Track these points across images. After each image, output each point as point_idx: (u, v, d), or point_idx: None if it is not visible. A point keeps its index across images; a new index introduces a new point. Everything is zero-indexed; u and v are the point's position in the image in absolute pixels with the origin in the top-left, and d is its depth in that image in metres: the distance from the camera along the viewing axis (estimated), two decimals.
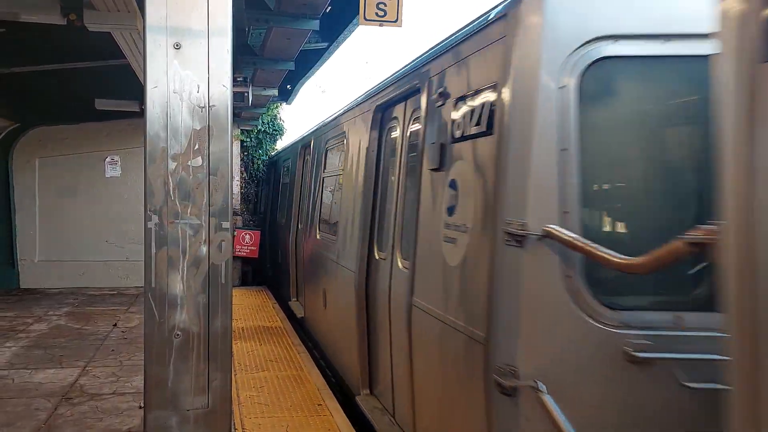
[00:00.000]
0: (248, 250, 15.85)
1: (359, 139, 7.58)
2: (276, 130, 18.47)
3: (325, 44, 10.96)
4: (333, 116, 9.81)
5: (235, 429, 6.22)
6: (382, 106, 6.94)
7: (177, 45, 3.87)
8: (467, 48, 4.54)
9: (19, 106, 14.28)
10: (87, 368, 8.49)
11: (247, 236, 15.85)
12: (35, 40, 9.32)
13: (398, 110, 6.49)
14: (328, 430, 6.32)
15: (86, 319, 11.65)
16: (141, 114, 12.53)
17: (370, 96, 7.49)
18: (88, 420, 6.67)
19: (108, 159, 15.44)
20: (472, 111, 4.26)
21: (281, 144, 18.44)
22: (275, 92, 12.88)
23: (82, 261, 15.39)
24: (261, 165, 18.36)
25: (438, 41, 5.45)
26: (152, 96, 3.86)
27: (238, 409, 6.78)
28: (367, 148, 7.17)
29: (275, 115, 18.38)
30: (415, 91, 5.71)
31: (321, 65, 12.71)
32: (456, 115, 4.56)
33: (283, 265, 13.36)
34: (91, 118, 14.64)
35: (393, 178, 6.40)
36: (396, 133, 6.52)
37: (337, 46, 10.97)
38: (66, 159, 15.39)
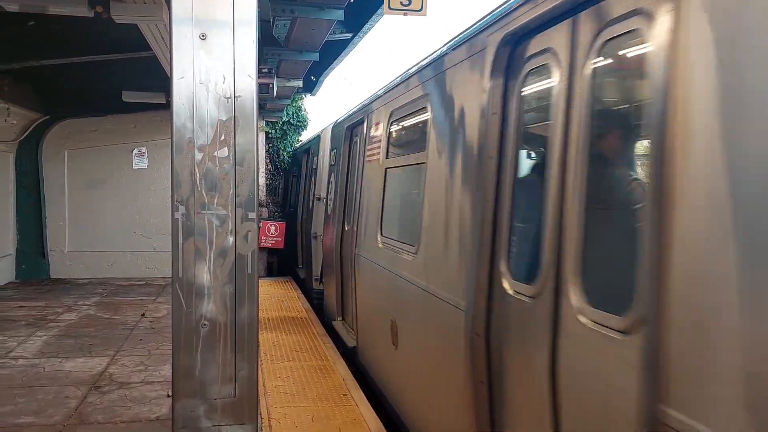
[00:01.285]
0: (273, 241, 15.92)
1: (461, 100, 4.86)
2: (300, 122, 18.50)
3: (350, 35, 10.93)
4: (403, 76, 6.86)
5: (262, 418, 6.27)
6: (517, 35, 4.03)
7: (203, 36, 3.88)
8: None
9: (48, 99, 14.47)
10: (116, 357, 8.60)
11: (273, 227, 15.92)
12: (63, 32, 9.42)
13: (555, 37, 3.61)
14: (354, 420, 6.34)
15: (115, 309, 11.80)
16: (168, 106, 12.72)
17: (487, 25, 4.48)
18: (117, 408, 6.75)
19: (135, 151, 15.59)
20: None
21: (306, 135, 18.47)
22: (300, 83, 12.89)
23: (111, 251, 15.58)
24: (286, 156, 18.42)
25: None
26: (178, 87, 3.88)
27: (264, 399, 6.82)
28: (483, 111, 4.31)
29: (299, 107, 18.41)
30: None
31: (345, 56, 12.69)
32: None
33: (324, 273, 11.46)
34: (119, 110, 14.80)
35: (543, 157, 3.74)
36: (550, 81, 3.64)
37: (362, 37, 10.94)
38: (94, 151, 15.56)
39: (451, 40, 5.36)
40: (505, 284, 3.93)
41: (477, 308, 4.15)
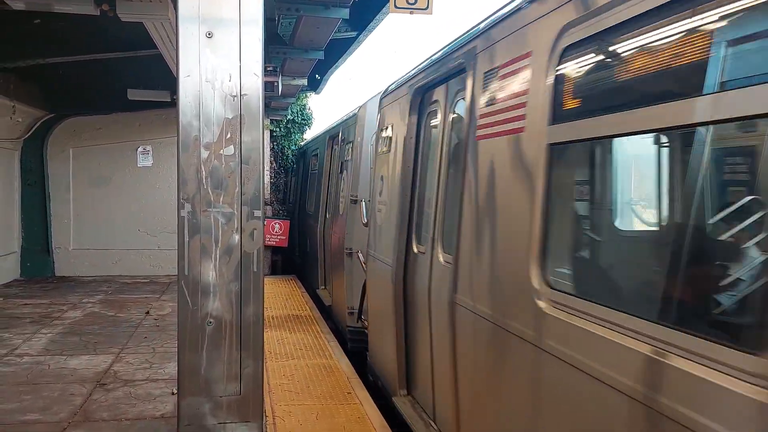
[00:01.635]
0: (278, 240, 15.94)
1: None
2: (305, 120, 18.52)
3: (354, 33, 10.93)
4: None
5: (266, 416, 6.27)
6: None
7: (209, 34, 3.89)
8: None
9: (53, 97, 14.49)
10: (121, 355, 8.61)
11: (277, 225, 15.94)
12: (69, 31, 9.44)
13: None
14: (358, 419, 6.34)
15: (119, 307, 11.82)
16: (173, 104, 12.71)
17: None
18: (122, 405, 6.77)
19: (140, 149, 15.61)
20: None
21: (310, 133, 18.48)
22: (304, 82, 12.91)
23: (115, 249, 15.61)
24: (290, 155, 18.43)
25: None
26: (185, 85, 3.90)
27: (269, 396, 6.83)
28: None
29: (304, 105, 18.42)
30: None
31: (350, 54, 12.69)
32: None
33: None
34: (124, 108, 14.82)
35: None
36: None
37: (367, 35, 10.94)
38: (99, 149, 15.59)
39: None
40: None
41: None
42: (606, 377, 2.72)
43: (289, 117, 18.07)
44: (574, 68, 3.32)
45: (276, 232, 15.87)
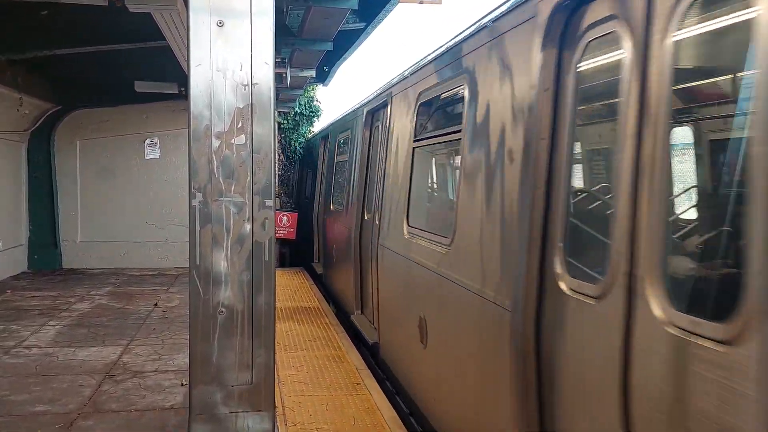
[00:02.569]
0: (286, 232, 15.95)
1: None
2: (313, 112, 18.51)
3: (363, 24, 10.89)
4: None
5: (276, 407, 6.28)
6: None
7: (220, 23, 3.87)
8: None
9: (61, 89, 14.50)
10: (129, 346, 8.63)
11: (285, 218, 15.94)
12: (76, 22, 9.43)
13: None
14: (368, 410, 6.35)
15: (127, 299, 11.85)
16: (180, 96, 12.76)
17: None
18: (131, 396, 6.79)
19: (148, 141, 15.62)
20: None
21: (318, 126, 18.46)
22: (313, 73, 12.87)
23: (123, 242, 15.64)
24: (298, 147, 18.42)
25: None
26: (196, 74, 3.87)
27: (279, 388, 6.84)
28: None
29: (312, 97, 18.41)
30: None
31: (358, 46, 12.65)
32: None
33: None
34: (131, 101, 14.82)
35: None
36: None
37: (375, 26, 10.89)
38: (106, 141, 15.61)
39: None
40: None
41: None
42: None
43: (297, 109, 18.06)
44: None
45: (284, 224, 15.87)
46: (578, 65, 3.46)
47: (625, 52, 3.02)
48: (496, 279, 4.12)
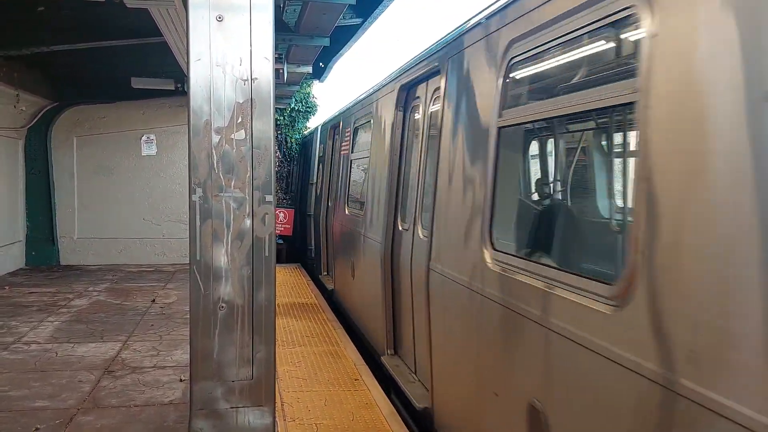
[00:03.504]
0: (282, 228, 15.96)
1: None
2: (309, 108, 18.48)
3: (360, 20, 10.86)
4: None
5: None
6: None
7: (220, 18, 3.87)
8: None
9: (58, 85, 14.48)
10: (128, 342, 8.63)
11: (281, 214, 15.95)
12: (73, 18, 9.41)
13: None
14: (366, 405, 6.36)
15: (125, 295, 11.84)
16: (177, 93, 12.74)
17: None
18: (130, 392, 6.79)
19: (144, 138, 15.60)
20: None
21: (314, 122, 18.43)
22: (309, 69, 12.83)
23: (120, 238, 15.63)
24: (295, 144, 18.40)
25: None
26: (195, 69, 3.88)
27: (277, 383, 6.84)
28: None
29: (308, 93, 18.38)
30: None
31: (355, 42, 12.60)
32: None
33: None
34: (128, 97, 14.81)
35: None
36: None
37: (372, 22, 10.86)
38: (103, 137, 15.58)
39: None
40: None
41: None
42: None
43: (293, 105, 18.03)
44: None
45: (281, 220, 15.88)
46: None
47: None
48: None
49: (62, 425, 5.91)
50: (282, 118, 18.08)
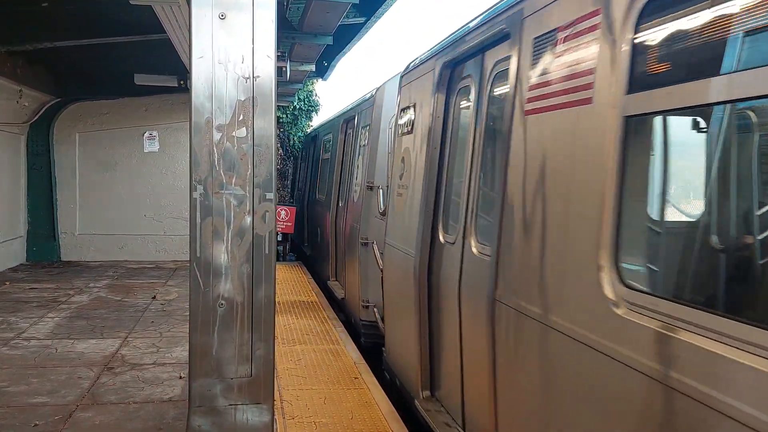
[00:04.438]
0: (284, 226, 15.96)
1: None
2: (312, 107, 18.49)
3: (363, 19, 10.87)
4: None
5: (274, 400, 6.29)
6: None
7: (222, 15, 3.87)
8: None
9: (60, 81, 14.49)
10: (128, 339, 8.63)
11: (283, 212, 15.94)
12: (77, 14, 9.42)
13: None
14: (366, 404, 6.36)
15: (126, 292, 11.84)
16: (179, 89, 12.75)
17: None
18: (129, 389, 6.79)
19: (146, 134, 15.60)
20: None
21: (317, 120, 18.44)
22: (312, 67, 12.85)
23: (121, 235, 15.64)
24: (297, 141, 18.41)
25: None
26: (197, 66, 3.88)
27: (277, 381, 6.83)
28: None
29: (311, 92, 18.39)
30: None
31: (358, 41, 12.61)
32: None
33: None
34: (131, 93, 14.81)
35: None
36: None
37: (375, 21, 10.87)
38: (105, 134, 15.59)
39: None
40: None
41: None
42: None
43: (295, 104, 18.04)
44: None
45: (282, 218, 15.88)
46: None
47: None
48: None
49: (61, 421, 5.91)
50: (285, 116, 18.08)
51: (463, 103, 5.43)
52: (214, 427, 4.04)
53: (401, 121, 6.80)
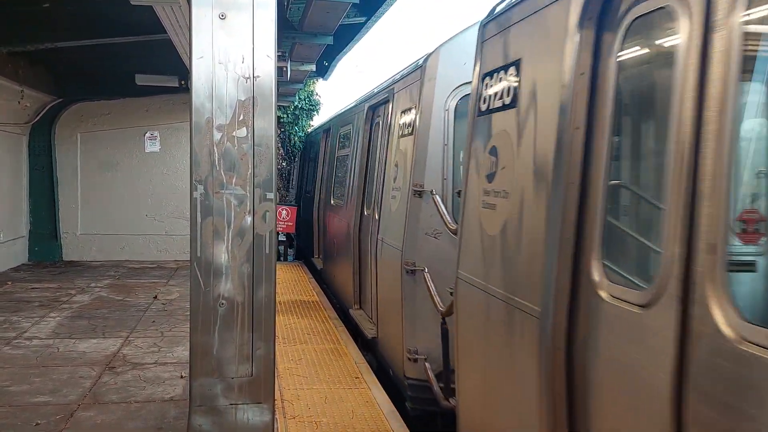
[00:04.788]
0: (285, 225, 15.97)
1: None
2: (312, 106, 18.51)
3: (363, 19, 10.87)
4: None
5: (275, 399, 6.29)
6: None
7: (222, 15, 3.88)
8: None
9: (62, 82, 14.51)
10: (129, 338, 8.65)
11: (284, 212, 15.95)
12: (78, 14, 9.43)
13: None
14: (367, 403, 6.37)
15: (127, 291, 11.86)
16: (180, 89, 12.76)
17: None
18: (131, 389, 6.80)
19: (148, 134, 15.63)
20: None
21: (318, 120, 18.45)
22: (313, 67, 12.85)
23: (123, 234, 15.67)
24: (298, 141, 18.42)
25: None
26: (197, 67, 3.89)
27: (278, 380, 6.85)
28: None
29: (312, 91, 18.40)
30: None
31: (358, 40, 12.62)
32: None
33: None
34: (132, 94, 14.83)
35: None
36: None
37: (375, 21, 10.87)
38: (107, 134, 15.61)
39: None
40: None
41: None
42: None
43: (296, 103, 18.05)
44: None
45: (283, 218, 15.89)
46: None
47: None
48: None
49: (63, 420, 5.93)
50: (285, 115, 18.10)
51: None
52: (215, 426, 4.05)
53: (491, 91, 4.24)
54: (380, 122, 8.91)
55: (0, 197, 13.89)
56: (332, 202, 11.83)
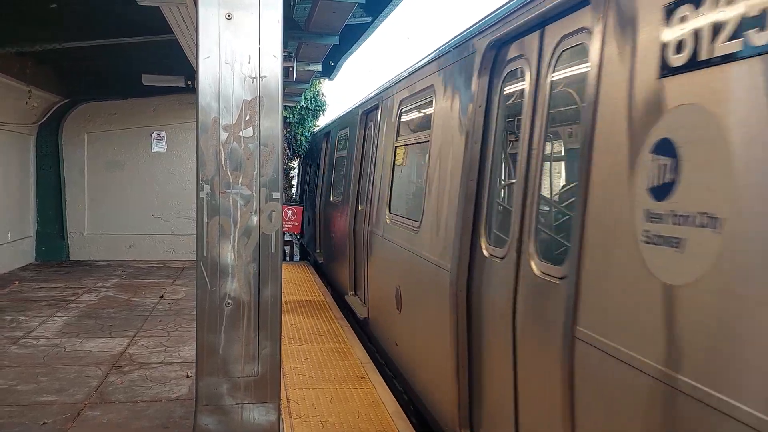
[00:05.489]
0: (291, 225, 16.00)
1: None
2: (318, 107, 18.51)
3: (369, 18, 10.86)
4: None
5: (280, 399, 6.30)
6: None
7: (229, 15, 3.89)
8: None
9: (69, 82, 14.55)
10: (135, 338, 8.67)
11: (290, 211, 15.98)
12: (85, 15, 9.46)
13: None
14: (372, 403, 6.37)
15: (134, 291, 11.90)
16: (187, 89, 12.77)
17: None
18: (137, 388, 6.82)
19: (154, 134, 15.67)
20: None
21: (323, 120, 18.45)
22: (319, 67, 12.85)
23: (130, 234, 15.72)
24: (304, 141, 18.44)
25: None
26: (204, 66, 3.89)
27: (283, 380, 6.86)
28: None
29: (318, 92, 18.40)
30: None
31: (364, 40, 12.61)
32: None
33: None
34: (139, 94, 14.88)
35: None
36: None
37: (381, 20, 10.86)
38: (114, 134, 15.67)
39: None
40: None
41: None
42: None
43: (302, 104, 18.06)
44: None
45: (289, 218, 15.91)
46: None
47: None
48: None
49: (69, 419, 5.95)
50: (291, 115, 18.11)
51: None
52: (221, 425, 4.06)
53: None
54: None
55: (7, 197, 13.94)
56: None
